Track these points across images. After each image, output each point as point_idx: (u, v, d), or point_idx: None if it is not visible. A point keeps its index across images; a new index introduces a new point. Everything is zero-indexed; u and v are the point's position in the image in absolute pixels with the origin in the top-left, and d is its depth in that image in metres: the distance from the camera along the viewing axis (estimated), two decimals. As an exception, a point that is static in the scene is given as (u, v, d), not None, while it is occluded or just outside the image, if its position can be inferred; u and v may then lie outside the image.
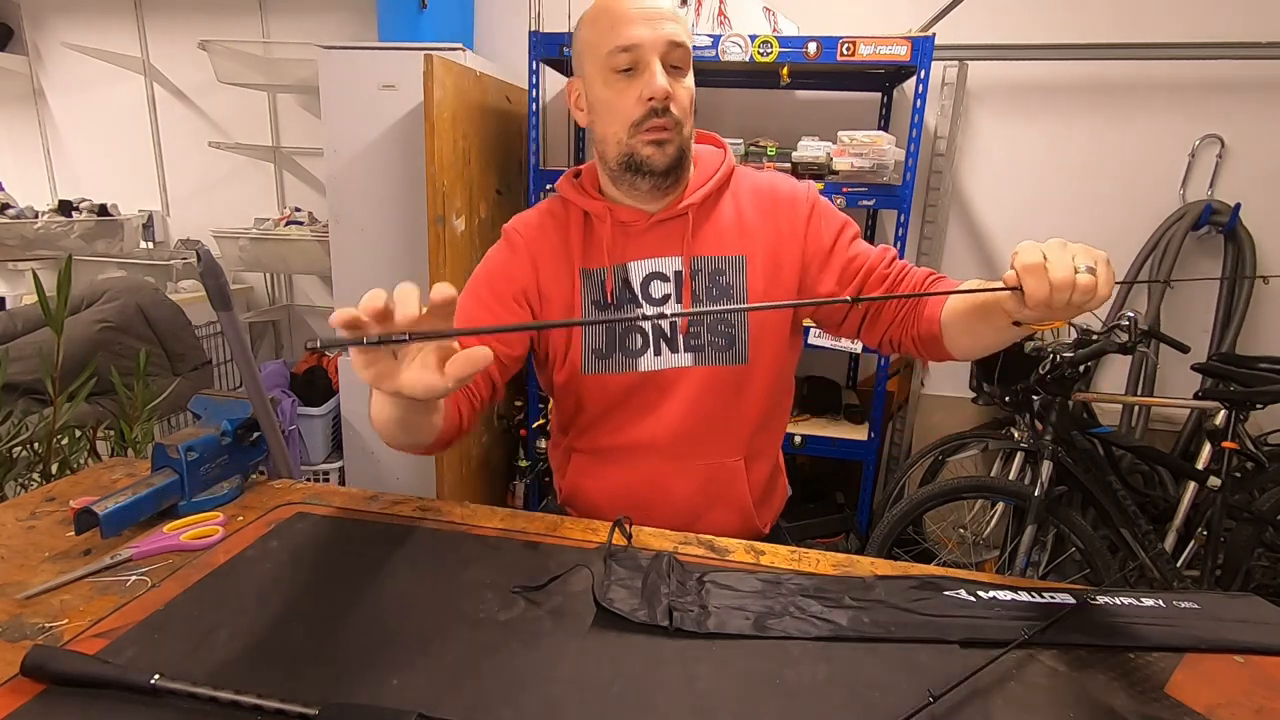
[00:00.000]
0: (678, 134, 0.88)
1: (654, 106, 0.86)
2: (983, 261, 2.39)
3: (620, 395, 0.96)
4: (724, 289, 0.94)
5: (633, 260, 0.95)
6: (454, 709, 0.54)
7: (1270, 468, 1.88)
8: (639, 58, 0.85)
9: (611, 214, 0.94)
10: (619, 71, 0.86)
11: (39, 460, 1.37)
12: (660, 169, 0.89)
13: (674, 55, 0.86)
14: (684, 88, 0.88)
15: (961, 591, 0.73)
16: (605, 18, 0.87)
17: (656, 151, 0.88)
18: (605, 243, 0.94)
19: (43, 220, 2.77)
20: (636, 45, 0.85)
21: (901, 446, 2.46)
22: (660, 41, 0.85)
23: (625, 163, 0.90)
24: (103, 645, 0.61)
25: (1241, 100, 2.13)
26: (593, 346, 0.94)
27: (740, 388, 0.96)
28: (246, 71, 2.55)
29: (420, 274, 2.11)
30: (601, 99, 0.89)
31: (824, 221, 0.96)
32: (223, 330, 0.94)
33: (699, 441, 0.96)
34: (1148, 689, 0.60)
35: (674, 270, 0.94)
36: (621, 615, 0.66)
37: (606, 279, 0.94)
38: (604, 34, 0.87)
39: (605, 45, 0.86)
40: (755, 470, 1.01)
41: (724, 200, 0.97)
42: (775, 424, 1.04)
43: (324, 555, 0.77)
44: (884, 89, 2.28)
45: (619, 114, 0.88)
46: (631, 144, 0.88)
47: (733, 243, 0.95)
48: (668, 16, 0.86)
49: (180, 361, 2.29)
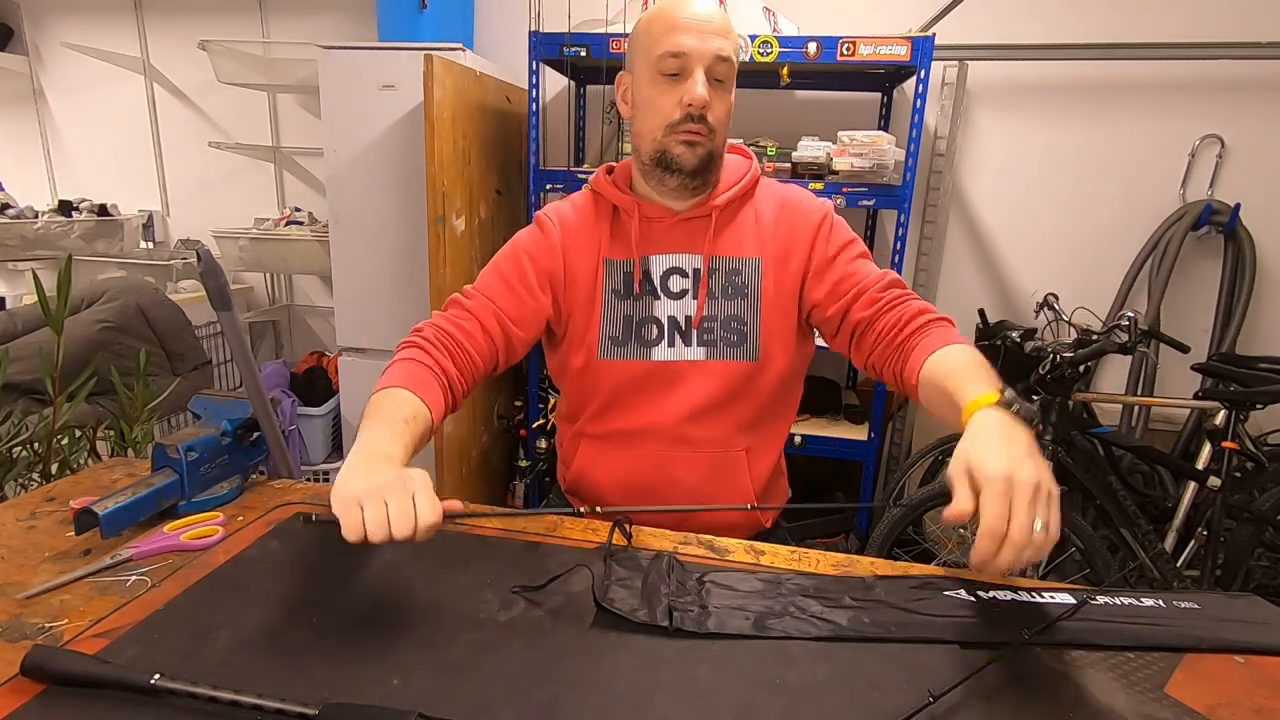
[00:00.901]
0: (710, 140, 0.93)
1: (691, 113, 0.90)
2: (983, 261, 2.39)
3: (632, 382, 0.99)
4: (739, 288, 0.99)
5: (655, 254, 1.00)
6: (454, 709, 0.54)
7: (1270, 468, 1.88)
8: (685, 65, 0.90)
9: (640, 209, 0.99)
10: (665, 75, 0.91)
11: (39, 460, 1.37)
12: (689, 168, 0.94)
13: (719, 69, 0.91)
14: (722, 100, 0.93)
15: (962, 591, 0.73)
16: (660, 22, 0.92)
17: (687, 151, 0.93)
18: (631, 236, 0.99)
19: (43, 220, 2.77)
20: (684, 53, 0.89)
21: (901, 446, 2.46)
22: (707, 53, 0.90)
23: (657, 159, 0.95)
24: (103, 645, 0.61)
25: (1241, 100, 2.13)
26: (610, 333, 0.99)
27: (749, 383, 0.99)
28: (246, 71, 2.55)
29: (420, 274, 2.11)
30: (645, 97, 0.94)
31: (832, 235, 0.99)
32: (223, 330, 0.94)
33: (704, 430, 1.00)
34: (1148, 689, 0.60)
35: (693, 267, 0.99)
36: (621, 615, 0.66)
37: (632, 270, 0.99)
38: (657, 38, 0.91)
39: (656, 48, 0.91)
40: (757, 464, 1.04)
41: (746, 206, 1.02)
42: (780, 421, 1.07)
43: (324, 555, 0.77)
44: (884, 89, 2.28)
45: (659, 113, 0.93)
46: (665, 142, 0.93)
47: (750, 245, 1.00)
48: (719, 32, 0.91)
49: (180, 361, 2.29)
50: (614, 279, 0.99)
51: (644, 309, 0.99)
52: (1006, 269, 2.39)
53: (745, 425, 1.01)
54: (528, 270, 0.98)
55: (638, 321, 0.99)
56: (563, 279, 1.00)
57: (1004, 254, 2.38)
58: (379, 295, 2.31)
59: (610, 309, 0.99)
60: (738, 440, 1.02)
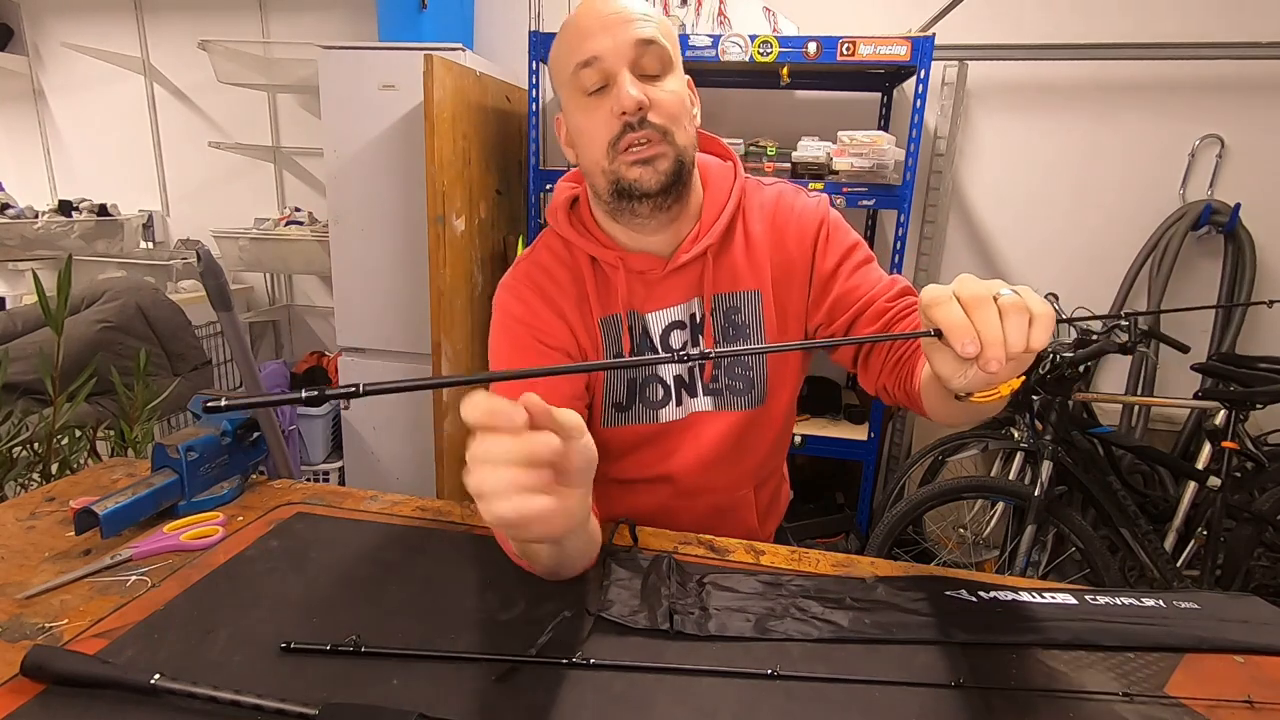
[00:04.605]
0: (668, 145, 0.77)
1: (628, 120, 0.75)
2: (983, 261, 2.39)
3: (636, 443, 0.92)
4: (740, 328, 0.87)
5: (651, 310, 0.87)
6: (454, 709, 0.54)
7: (1270, 468, 1.88)
8: (605, 71, 0.75)
9: (625, 263, 0.85)
10: (589, 94, 0.77)
11: (39, 460, 1.37)
12: (654, 190, 0.78)
13: (646, 59, 0.76)
14: (665, 91, 0.77)
15: (962, 591, 0.73)
16: (566, 36, 0.78)
17: (645, 172, 0.77)
18: (620, 291, 0.86)
19: (43, 220, 2.77)
20: (597, 57, 0.75)
21: (901, 446, 2.46)
22: (625, 47, 0.74)
23: (615, 190, 0.79)
24: (103, 645, 0.61)
25: (1241, 100, 2.13)
26: (613, 400, 0.89)
27: (755, 427, 0.92)
28: (246, 71, 2.55)
29: (420, 274, 2.11)
30: (578, 126, 0.80)
31: (832, 244, 0.88)
32: (223, 330, 0.94)
33: (712, 480, 0.94)
34: (1148, 689, 0.60)
35: (691, 314, 0.88)
36: (620, 622, 0.66)
37: (623, 328, 0.87)
38: (566, 54, 0.78)
39: (569, 65, 0.77)
40: (762, 495, 1.00)
41: (736, 226, 0.88)
42: (783, 447, 1.02)
43: (324, 555, 0.77)
44: (884, 89, 2.28)
45: (595, 138, 0.77)
46: (614, 168, 0.78)
47: (746, 275, 0.87)
48: (633, 17, 0.75)
49: (180, 361, 2.29)
50: (611, 339, 0.87)
51: (647, 369, 0.89)
52: (1006, 269, 2.39)
53: (753, 469, 0.96)
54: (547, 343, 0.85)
55: (641, 383, 0.89)
56: (577, 347, 0.87)
57: (1004, 254, 2.38)
58: (379, 295, 2.31)
59: (611, 374, 0.88)
60: (745, 482, 0.96)
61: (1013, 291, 0.52)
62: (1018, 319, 0.51)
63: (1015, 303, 0.51)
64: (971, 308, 0.52)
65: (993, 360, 0.50)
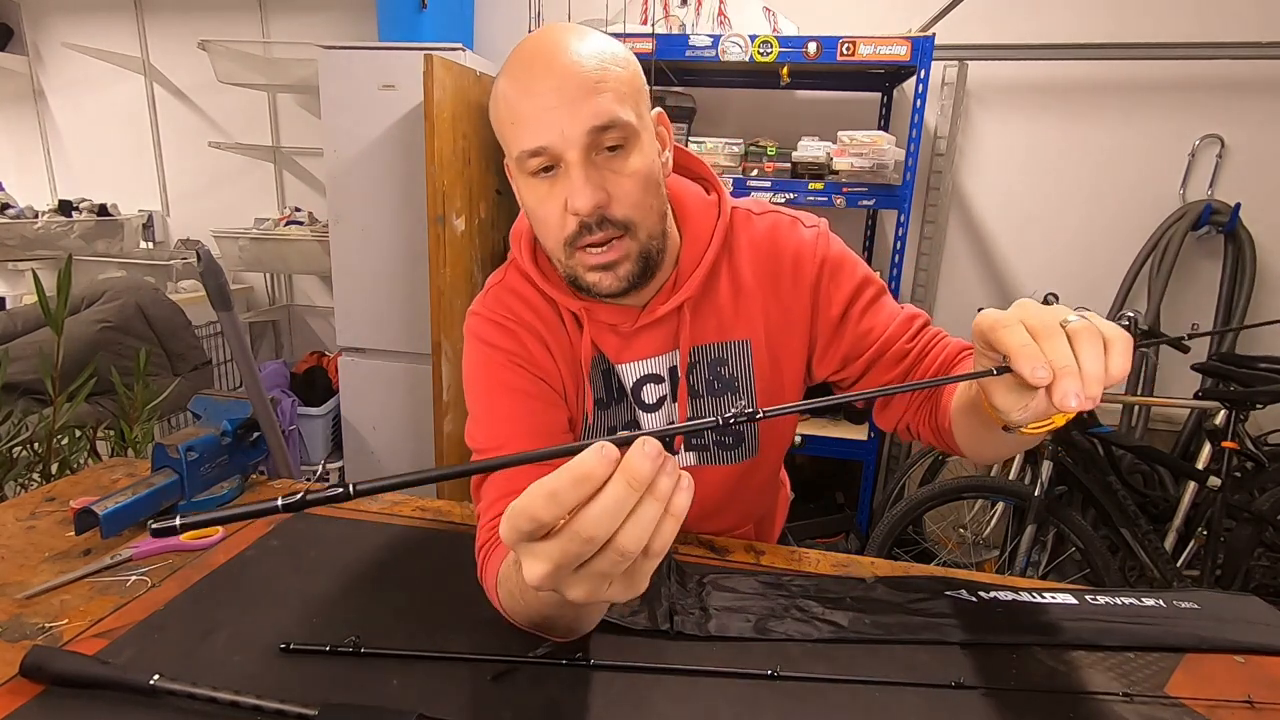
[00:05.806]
0: (631, 241, 0.68)
1: (586, 221, 0.66)
2: (983, 261, 2.39)
3: None
4: (727, 382, 0.80)
5: (624, 363, 0.79)
6: (453, 709, 0.54)
7: (1270, 468, 1.88)
8: (554, 158, 0.65)
9: (589, 314, 0.77)
10: (535, 174, 0.67)
11: (39, 460, 1.37)
12: (615, 293, 0.71)
13: (604, 140, 0.64)
14: (627, 174, 0.66)
15: (962, 592, 0.73)
16: (504, 109, 0.67)
17: (604, 276, 0.69)
18: (587, 341, 0.78)
19: (43, 220, 2.77)
20: (544, 148, 0.64)
21: (901, 446, 2.46)
22: (576, 135, 0.63)
23: (573, 283, 0.73)
24: (102, 645, 0.61)
25: (1241, 100, 2.13)
26: None
27: (749, 476, 0.87)
28: (246, 71, 2.55)
29: (420, 274, 2.11)
30: (526, 203, 0.72)
31: (836, 286, 0.79)
32: (223, 330, 0.94)
33: (705, 526, 0.89)
34: (1148, 689, 0.60)
35: (670, 367, 0.80)
36: (620, 624, 0.66)
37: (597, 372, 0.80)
38: (508, 133, 0.67)
39: (512, 147, 0.67)
40: (764, 525, 0.98)
41: (721, 269, 0.79)
42: (779, 472, 0.97)
43: (323, 556, 0.77)
44: (884, 89, 2.28)
45: (548, 228, 0.69)
46: (572, 266, 0.70)
47: (732, 323, 0.79)
48: (584, 91, 0.63)
49: (180, 361, 2.29)
50: (598, 377, 0.80)
51: (625, 415, 0.81)
52: (1006, 269, 2.39)
53: (749, 511, 0.92)
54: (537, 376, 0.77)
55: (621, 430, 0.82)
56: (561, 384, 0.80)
57: (1004, 254, 2.38)
58: (379, 295, 2.31)
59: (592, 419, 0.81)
60: (743, 523, 0.92)
61: (1081, 317, 0.48)
62: (1092, 344, 0.47)
63: (1086, 327, 0.48)
64: (1039, 334, 0.48)
65: (1071, 394, 0.46)
